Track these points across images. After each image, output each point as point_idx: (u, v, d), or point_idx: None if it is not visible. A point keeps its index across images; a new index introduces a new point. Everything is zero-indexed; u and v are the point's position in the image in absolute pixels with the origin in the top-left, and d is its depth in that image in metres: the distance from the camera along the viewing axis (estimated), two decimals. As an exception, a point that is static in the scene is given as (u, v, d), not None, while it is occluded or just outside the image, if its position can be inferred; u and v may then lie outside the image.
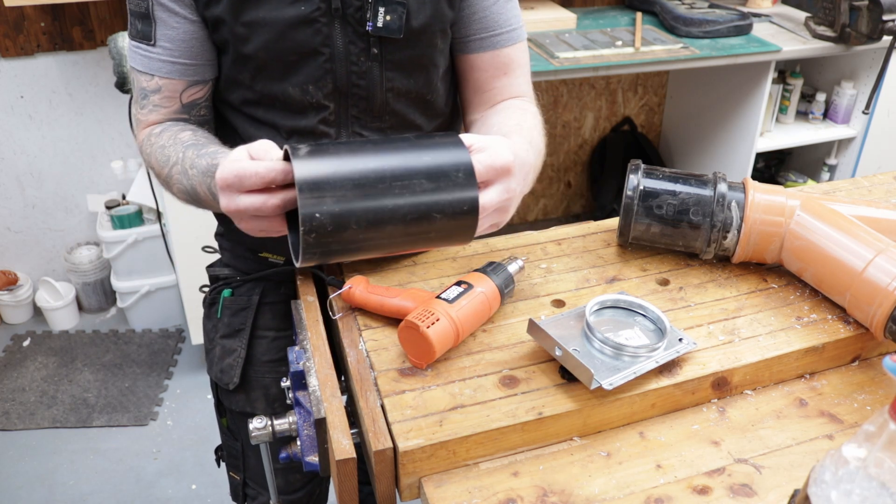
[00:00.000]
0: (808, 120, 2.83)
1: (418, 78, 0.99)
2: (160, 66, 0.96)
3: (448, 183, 0.79)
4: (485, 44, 1.03)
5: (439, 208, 0.79)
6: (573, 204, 3.34)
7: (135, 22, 0.95)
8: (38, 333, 2.66)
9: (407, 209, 0.78)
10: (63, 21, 2.34)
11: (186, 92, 0.98)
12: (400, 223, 0.78)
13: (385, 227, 0.78)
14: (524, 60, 1.07)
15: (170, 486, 2.10)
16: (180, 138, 0.96)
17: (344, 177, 0.76)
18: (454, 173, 0.79)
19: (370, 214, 0.77)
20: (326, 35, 0.91)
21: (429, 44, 0.97)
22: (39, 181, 2.59)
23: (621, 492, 0.76)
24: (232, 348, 1.16)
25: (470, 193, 0.79)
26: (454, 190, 0.79)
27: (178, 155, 0.94)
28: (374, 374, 0.86)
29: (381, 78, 0.96)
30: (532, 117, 1.03)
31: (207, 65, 0.98)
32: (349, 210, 0.76)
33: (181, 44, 0.94)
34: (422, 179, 0.78)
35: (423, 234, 0.81)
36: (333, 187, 0.75)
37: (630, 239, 1.06)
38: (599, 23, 2.64)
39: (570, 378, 0.85)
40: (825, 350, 0.92)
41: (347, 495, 0.81)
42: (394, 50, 0.95)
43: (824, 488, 0.55)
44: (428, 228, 0.80)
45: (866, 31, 2.37)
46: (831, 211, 0.97)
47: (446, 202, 0.79)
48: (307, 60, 0.93)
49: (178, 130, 0.97)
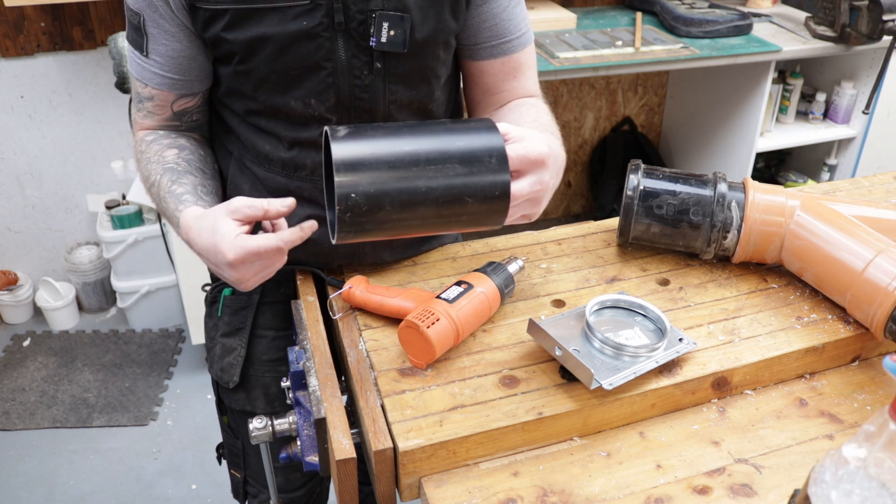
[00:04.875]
0: (808, 120, 2.83)
1: (420, 89, 0.99)
2: (151, 77, 0.97)
3: (481, 167, 0.80)
4: (495, 51, 1.03)
5: (471, 192, 0.80)
6: (573, 204, 3.34)
7: (130, 29, 0.96)
8: (38, 333, 2.66)
9: (440, 192, 0.79)
10: (63, 21, 2.34)
11: (177, 102, 1.00)
12: (433, 205, 0.79)
13: (418, 208, 0.79)
14: (532, 61, 1.08)
15: (170, 486, 2.10)
16: (164, 157, 0.99)
17: (379, 159, 0.78)
18: (487, 158, 0.80)
19: (404, 196, 0.78)
20: (329, 49, 0.91)
21: (432, 56, 0.97)
22: (39, 181, 2.59)
23: (621, 492, 0.76)
24: (232, 347, 1.16)
25: (502, 178, 0.80)
26: (486, 174, 0.80)
27: (156, 176, 0.97)
28: (374, 374, 0.86)
29: (384, 91, 0.96)
30: (546, 114, 1.03)
31: (197, 80, 0.98)
32: (383, 191, 0.77)
33: (171, 60, 0.95)
34: (455, 163, 0.79)
35: (455, 217, 0.82)
36: (369, 169, 0.77)
37: (630, 239, 1.06)
38: (599, 23, 2.64)
39: (570, 378, 0.85)
40: (825, 350, 0.92)
41: (347, 495, 0.81)
42: (397, 63, 0.94)
43: (824, 488, 0.55)
44: (460, 211, 0.81)
45: (866, 31, 2.37)
46: (831, 211, 0.97)
47: (478, 186, 0.80)
48: (309, 74, 0.92)
49: (164, 147, 1.00)
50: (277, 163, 1.00)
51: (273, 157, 0.99)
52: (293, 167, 0.99)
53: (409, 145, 0.79)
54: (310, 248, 1.01)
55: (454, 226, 0.84)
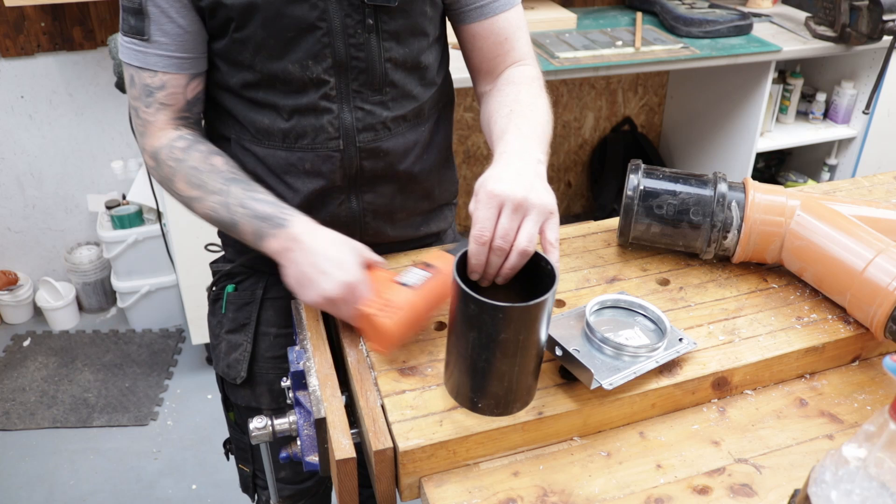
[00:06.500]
0: (808, 120, 2.83)
1: (412, 46, 1.01)
2: (157, 61, 0.95)
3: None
4: (482, 11, 1.05)
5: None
6: (573, 204, 3.34)
7: (127, 18, 0.94)
8: (38, 333, 2.66)
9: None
10: (63, 21, 2.34)
11: (190, 86, 0.98)
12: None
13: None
14: (521, 23, 1.09)
15: (170, 486, 2.10)
16: (214, 165, 0.97)
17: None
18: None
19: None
20: (323, 9, 0.93)
21: (419, 12, 0.99)
22: (39, 181, 2.59)
23: (621, 492, 0.76)
24: (237, 343, 1.17)
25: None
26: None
27: (218, 186, 0.95)
28: (374, 374, 0.86)
29: (378, 49, 0.97)
30: (527, 86, 1.04)
31: (201, 57, 0.99)
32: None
33: (176, 38, 0.94)
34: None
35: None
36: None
37: (630, 239, 1.06)
38: (599, 23, 2.64)
39: (570, 378, 0.85)
40: (825, 350, 0.92)
41: (347, 495, 0.81)
42: (388, 20, 0.97)
43: (824, 488, 0.55)
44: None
45: (866, 31, 2.37)
46: (831, 211, 0.97)
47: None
48: (305, 36, 0.94)
49: (206, 153, 0.98)
50: (277, 135, 1.00)
51: (273, 130, 1.00)
52: (294, 137, 1.00)
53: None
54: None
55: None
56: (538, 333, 0.75)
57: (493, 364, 0.76)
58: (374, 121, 1.00)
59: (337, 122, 0.99)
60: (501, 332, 0.73)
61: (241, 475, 1.32)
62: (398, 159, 1.05)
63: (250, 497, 1.34)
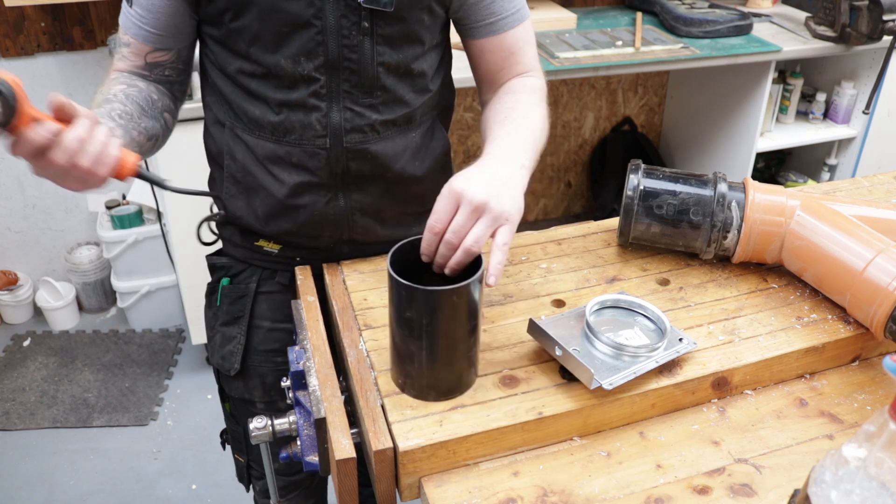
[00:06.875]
0: (808, 120, 2.83)
1: (406, 52, 1.01)
2: (130, 27, 1.03)
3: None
4: (491, 28, 1.07)
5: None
6: (573, 204, 3.34)
7: None
8: (38, 333, 2.66)
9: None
10: (63, 21, 2.34)
11: (151, 55, 1.05)
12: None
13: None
14: (529, 37, 1.12)
15: (170, 486, 2.10)
16: (110, 90, 1.02)
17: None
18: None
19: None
20: (319, 8, 0.94)
21: (416, 20, 1.00)
22: (39, 181, 2.59)
23: (621, 492, 0.76)
24: (232, 335, 1.19)
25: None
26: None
27: (93, 104, 1.00)
28: (374, 374, 0.86)
29: (372, 52, 0.98)
30: (525, 97, 1.05)
31: (171, 37, 1.03)
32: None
33: (151, 15, 1.00)
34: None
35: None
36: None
37: (630, 239, 1.06)
38: (599, 23, 2.64)
39: (570, 378, 0.85)
40: (825, 350, 0.92)
41: (347, 495, 0.82)
42: (384, 24, 0.97)
43: (824, 488, 0.55)
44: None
45: (866, 31, 2.37)
46: (831, 211, 0.97)
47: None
48: (299, 32, 0.95)
49: (115, 82, 1.03)
50: (267, 128, 1.02)
51: (262, 121, 1.02)
52: (282, 131, 1.01)
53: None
54: (300, 218, 1.06)
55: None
56: (446, 323, 0.78)
57: (405, 343, 0.81)
58: (362, 123, 1.01)
59: (325, 120, 1.00)
60: (406, 311, 0.78)
61: (237, 465, 1.34)
62: (387, 163, 1.05)
63: (245, 486, 1.36)
